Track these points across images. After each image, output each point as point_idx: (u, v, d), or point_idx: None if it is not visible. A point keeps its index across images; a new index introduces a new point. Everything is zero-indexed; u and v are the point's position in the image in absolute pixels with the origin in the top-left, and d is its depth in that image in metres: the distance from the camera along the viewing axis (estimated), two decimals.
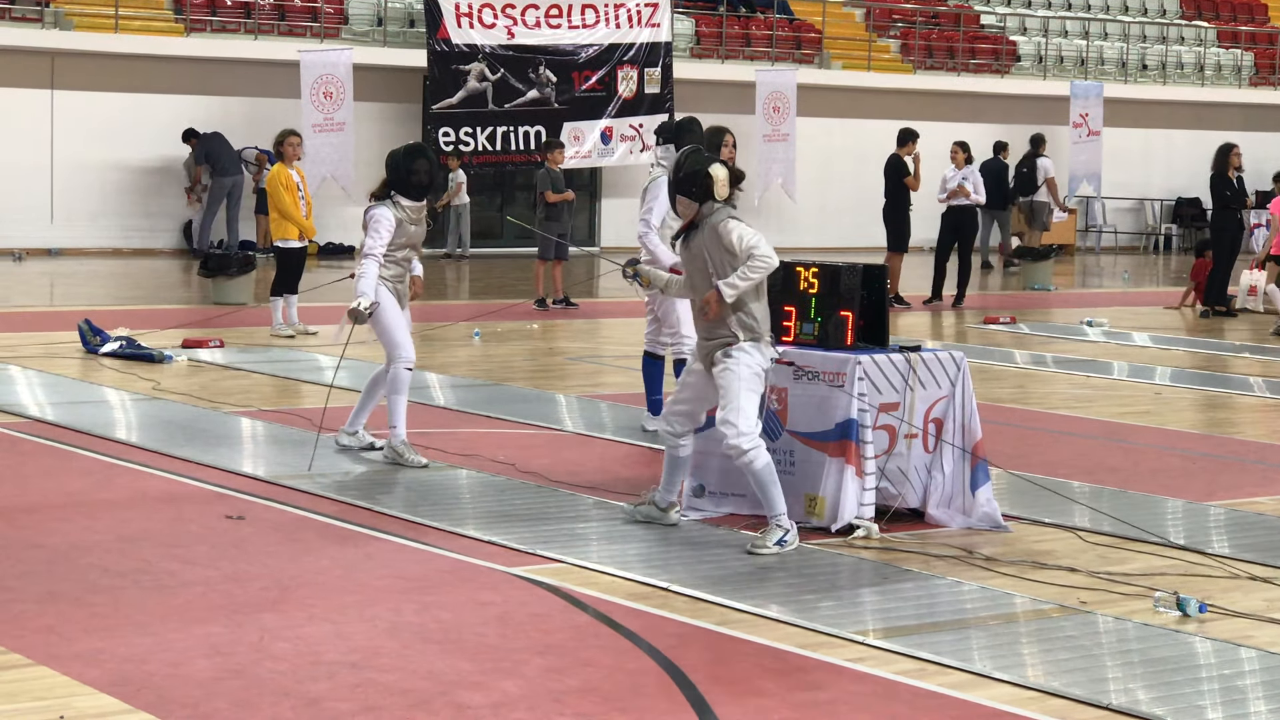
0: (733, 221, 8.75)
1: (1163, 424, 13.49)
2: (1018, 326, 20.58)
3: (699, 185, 8.76)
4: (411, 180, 10.71)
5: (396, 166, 10.77)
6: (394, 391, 10.73)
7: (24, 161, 28.49)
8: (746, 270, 8.62)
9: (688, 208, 8.84)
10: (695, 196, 8.78)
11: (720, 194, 8.78)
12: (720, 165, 8.81)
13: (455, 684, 6.43)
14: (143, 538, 8.67)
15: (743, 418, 8.61)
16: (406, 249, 10.83)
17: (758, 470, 8.61)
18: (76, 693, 6.21)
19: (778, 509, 8.63)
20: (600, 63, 30.56)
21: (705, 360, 8.86)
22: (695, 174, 8.76)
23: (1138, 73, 39.37)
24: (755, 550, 8.55)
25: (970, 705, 6.36)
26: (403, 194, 10.73)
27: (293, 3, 30.54)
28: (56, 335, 16.90)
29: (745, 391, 8.65)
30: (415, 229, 10.83)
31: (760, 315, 8.78)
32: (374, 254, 10.62)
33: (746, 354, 8.70)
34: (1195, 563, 8.65)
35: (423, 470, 10.50)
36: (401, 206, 10.73)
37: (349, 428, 11.10)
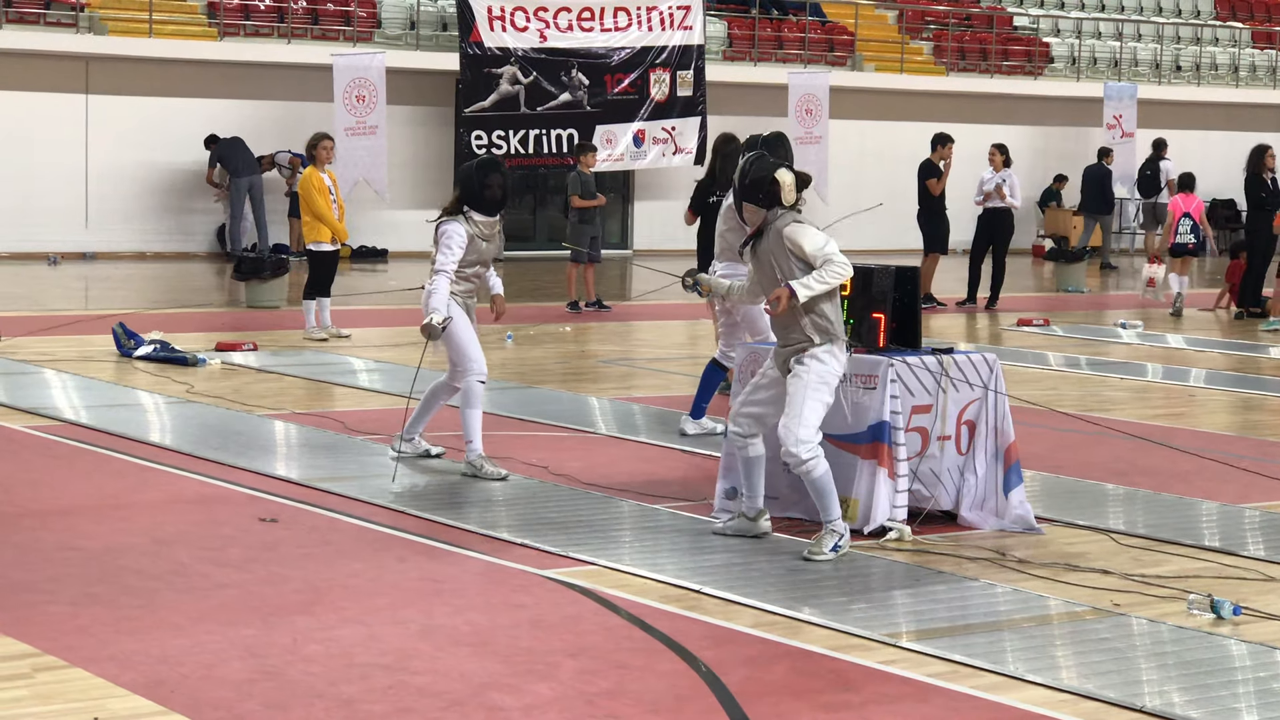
0: (799, 225, 8.62)
1: (1196, 426, 13.45)
2: (1051, 328, 20.53)
3: (765, 191, 8.65)
4: (485, 195, 10.45)
5: (470, 180, 10.52)
6: (468, 405, 10.49)
7: (59, 165, 28.63)
8: (824, 274, 8.50)
9: (755, 214, 8.72)
10: (762, 203, 8.67)
11: (787, 199, 8.65)
12: (786, 170, 8.69)
13: (488, 686, 6.44)
14: (176, 540, 8.70)
15: (803, 426, 8.47)
16: (478, 265, 10.61)
17: (816, 479, 8.49)
18: (111, 694, 6.23)
19: (833, 514, 8.52)
20: (633, 65, 30.57)
21: (782, 366, 8.70)
22: (761, 180, 8.66)
23: (1171, 74, 39.25)
24: (811, 557, 8.44)
25: (1003, 708, 6.35)
26: (476, 209, 10.49)
27: (325, 6, 30.62)
28: (91, 339, 16.97)
29: (810, 400, 8.50)
30: (488, 245, 10.58)
31: (834, 317, 8.64)
32: (445, 270, 10.42)
33: (820, 360, 8.55)
34: (1229, 565, 8.61)
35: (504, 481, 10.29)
36: (474, 222, 10.49)
37: (405, 434, 10.94)
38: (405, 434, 10.93)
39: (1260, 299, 22.79)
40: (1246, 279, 22.79)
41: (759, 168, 8.71)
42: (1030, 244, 35.34)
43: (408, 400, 11.17)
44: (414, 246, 31.10)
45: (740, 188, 8.76)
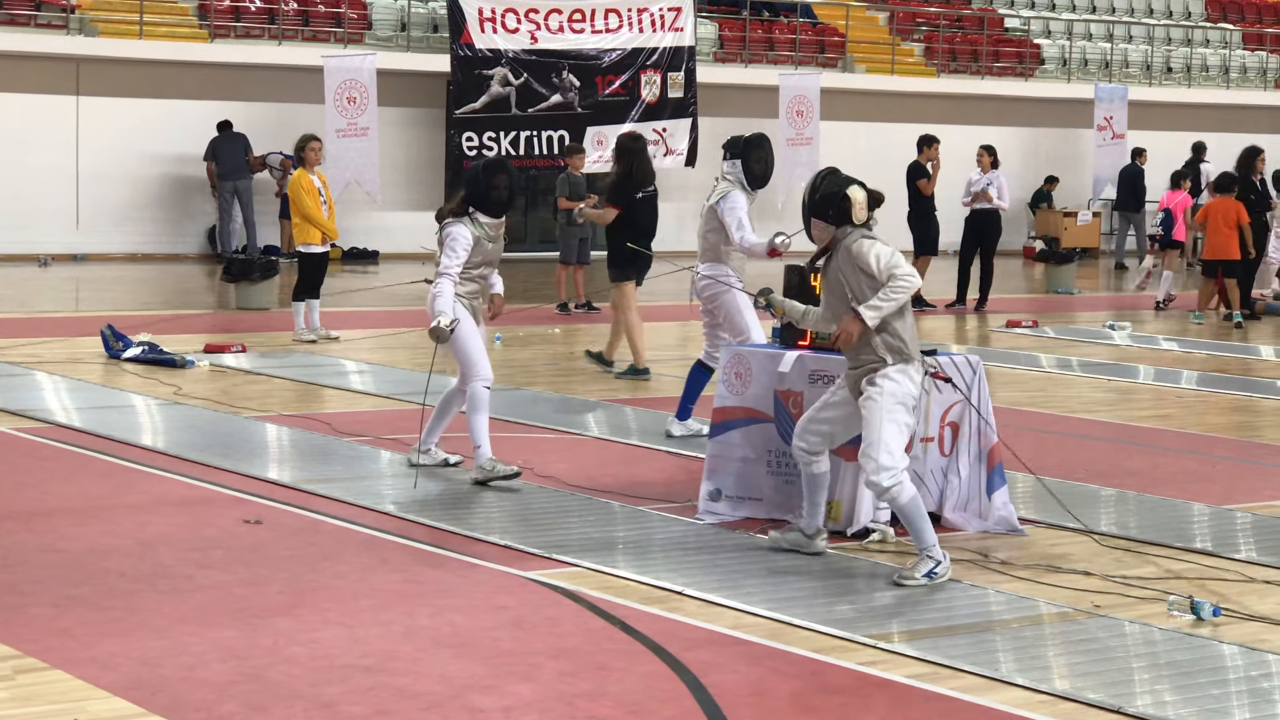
0: (867, 241, 8.30)
1: (1183, 427, 13.47)
2: (1041, 330, 20.55)
3: (836, 208, 8.35)
4: (491, 196, 10.32)
5: (476, 182, 10.37)
6: (474, 411, 10.33)
7: (49, 167, 28.63)
8: (889, 291, 8.16)
9: (824, 231, 8.43)
10: (832, 220, 8.39)
11: (859, 217, 8.36)
12: (858, 187, 8.38)
13: (468, 687, 6.45)
14: (160, 542, 8.71)
15: (883, 452, 8.12)
16: (483, 266, 10.48)
17: (903, 505, 8.15)
18: (91, 696, 6.24)
19: (927, 541, 8.13)
20: (623, 67, 30.58)
21: (853, 388, 8.40)
22: (832, 196, 8.36)
23: (1162, 75, 39.30)
24: (902, 581, 8.09)
25: (983, 709, 6.36)
26: (482, 210, 10.35)
27: (316, 8, 30.63)
28: (80, 340, 16.97)
29: (888, 423, 8.17)
30: (493, 246, 10.47)
31: (908, 336, 8.33)
32: (449, 273, 10.27)
33: (893, 381, 8.24)
34: (1211, 566, 8.63)
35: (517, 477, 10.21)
36: (479, 223, 10.35)
37: (421, 445, 10.80)
38: (421, 445, 10.78)
39: (1249, 300, 22.84)
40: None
41: (831, 184, 8.42)
42: (1021, 245, 35.37)
43: (422, 407, 11.08)
44: (405, 248, 31.11)
45: (811, 204, 8.43)
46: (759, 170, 11.49)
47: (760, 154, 11.41)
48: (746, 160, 11.42)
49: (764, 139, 11.59)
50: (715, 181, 11.72)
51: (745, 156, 11.45)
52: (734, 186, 11.46)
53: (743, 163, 11.44)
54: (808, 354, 9.37)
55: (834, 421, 8.54)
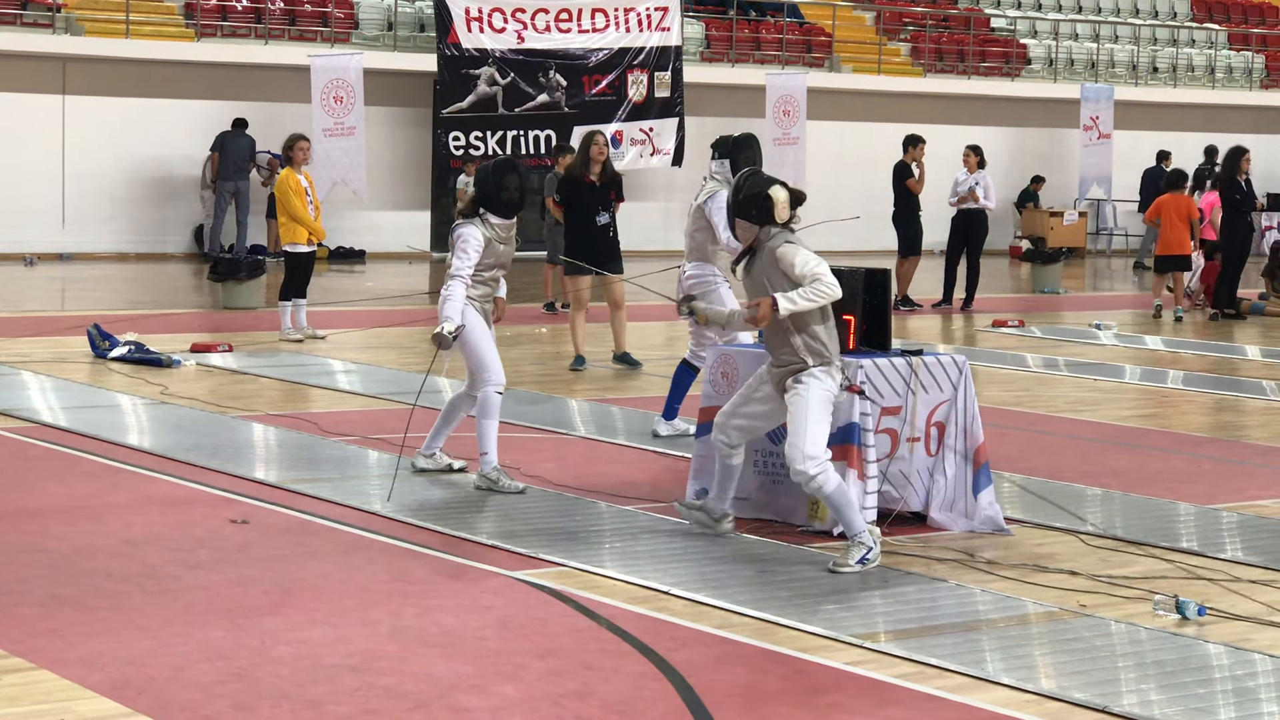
0: (791, 246, 8.48)
1: (1169, 427, 13.50)
2: (1027, 329, 20.58)
3: (759, 208, 8.52)
4: (502, 197, 10.12)
5: (486, 182, 10.17)
6: (484, 416, 10.16)
7: (35, 166, 28.60)
8: (809, 292, 8.36)
9: (747, 231, 8.61)
10: (755, 220, 8.55)
11: (781, 217, 8.54)
12: (780, 187, 8.54)
13: (454, 687, 6.45)
14: (147, 542, 8.71)
15: (809, 443, 8.35)
16: (495, 269, 10.28)
17: (829, 493, 8.36)
18: (77, 696, 6.23)
19: (857, 528, 8.35)
20: (610, 67, 30.60)
21: (776, 385, 8.64)
22: (755, 196, 8.52)
23: (1148, 75, 39.37)
24: (837, 569, 8.28)
25: (968, 708, 6.37)
26: (493, 211, 10.15)
27: (303, 7, 30.61)
28: (66, 340, 16.95)
29: (814, 419, 8.39)
30: (505, 248, 10.28)
31: (827, 339, 8.54)
32: (460, 275, 10.08)
33: (818, 380, 8.45)
34: (1196, 566, 8.65)
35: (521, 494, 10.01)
36: (491, 225, 10.17)
37: (425, 449, 10.66)
38: (425, 449, 10.66)
39: (1235, 300, 22.90)
40: (1221, 280, 22.88)
41: (753, 184, 8.57)
42: (1007, 245, 35.42)
43: (412, 408, 11.05)
44: (392, 247, 31.11)
45: (734, 204, 8.61)
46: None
47: (749, 154, 11.37)
48: (734, 160, 11.38)
49: (752, 139, 11.58)
50: (703, 181, 11.73)
51: (733, 156, 11.42)
52: (722, 186, 11.44)
53: (731, 163, 11.41)
54: None
55: (756, 416, 8.82)
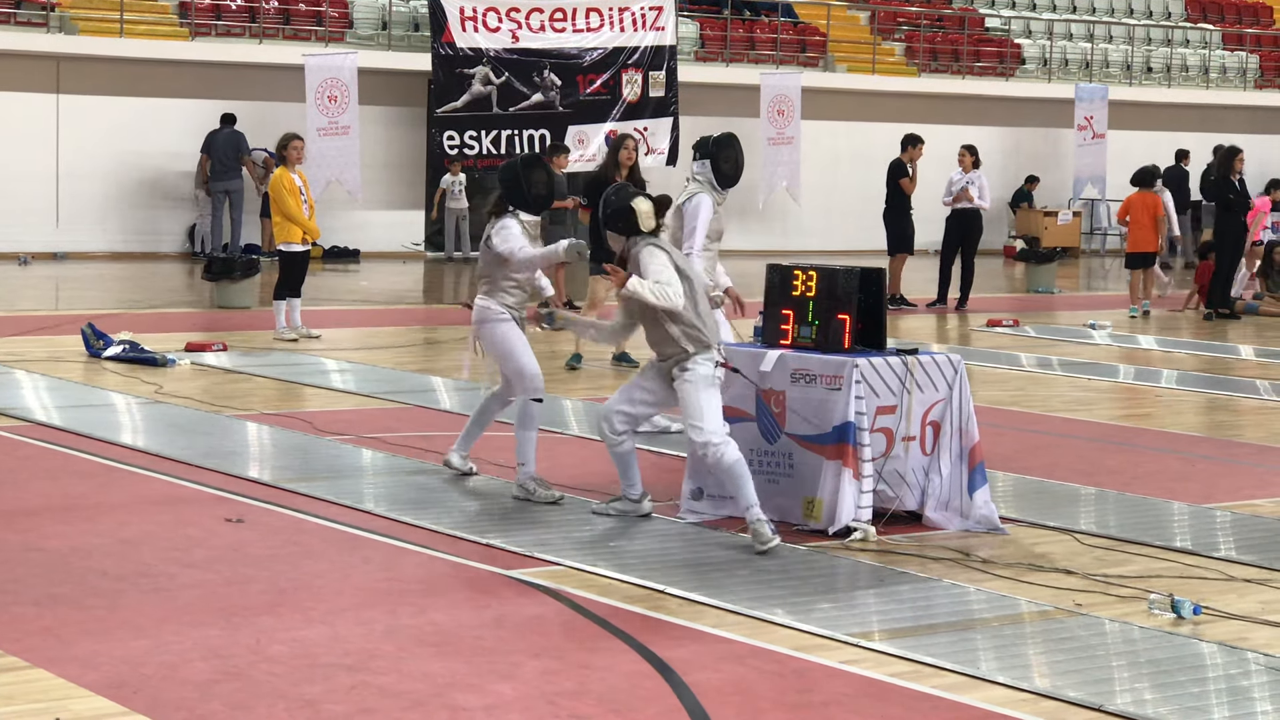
0: (649, 251, 9.01)
1: (1163, 426, 13.51)
2: (1021, 329, 20.59)
3: (624, 221, 9.08)
4: (532, 193, 10.02)
5: (515, 179, 10.03)
6: (523, 427, 9.99)
7: (29, 165, 28.58)
8: (656, 289, 8.86)
9: (617, 242, 9.15)
10: (622, 231, 9.10)
11: (646, 226, 9.07)
12: (644, 199, 9.10)
13: (450, 686, 6.45)
14: (142, 541, 8.70)
15: (706, 418, 8.84)
16: (528, 270, 10.11)
17: (729, 466, 8.78)
18: (73, 695, 6.23)
19: (752, 500, 8.74)
20: (605, 66, 30.58)
21: (663, 377, 9.12)
22: (620, 210, 9.08)
23: (1142, 75, 39.39)
24: (762, 548, 8.61)
25: (964, 707, 6.37)
26: (522, 208, 10.05)
27: (297, 7, 30.59)
28: (60, 339, 16.94)
29: (705, 398, 8.89)
30: (534, 244, 10.15)
31: (704, 326, 9.00)
32: (524, 245, 9.87)
33: (702, 365, 8.94)
34: (1191, 565, 8.66)
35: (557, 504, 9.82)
36: (520, 221, 10.08)
37: (461, 448, 10.50)
38: (459, 448, 10.49)
39: (1229, 300, 22.93)
40: (1215, 280, 22.91)
41: (619, 199, 9.12)
42: (1001, 245, 35.45)
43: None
44: (386, 247, 31.11)
45: (603, 219, 9.17)
46: (728, 170, 11.39)
47: (729, 153, 11.33)
48: (715, 160, 11.32)
49: (733, 138, 11.50)
50: (686, 182, 11.70)
51: (714, 156, 11.34)
52: (703, 188, 11.41)
53: (711, 163, 11.35)
54: (789, 353, 9.39)
55: (642, 404, 9.25)
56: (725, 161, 11.36)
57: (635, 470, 9.40)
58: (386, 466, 10.90)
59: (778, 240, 33.78)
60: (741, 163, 11.50)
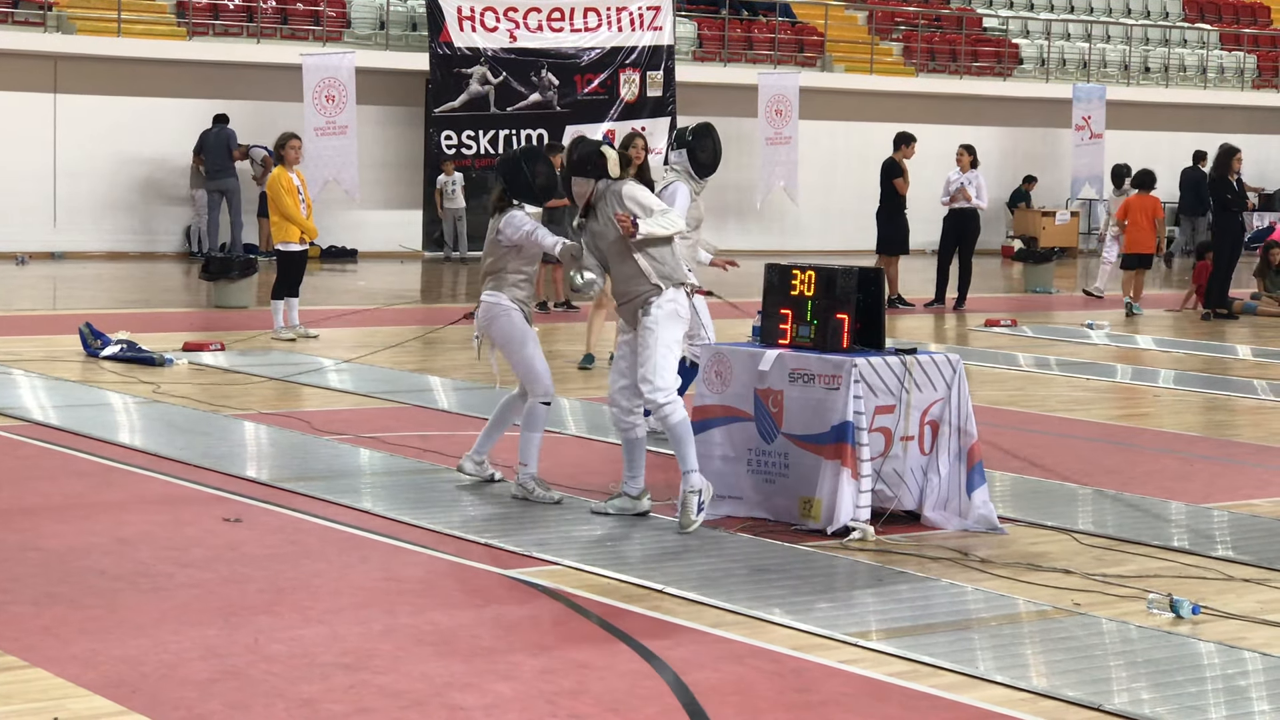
0: (632, 185, 9.33)
1: (1161, 426, 13.51)
2: (1019, 329, 20.59)
3: (593, 164, 9.34)
4: (536, 183, 9.94)
5: (517, 171, 9.94)
6: (529, 428, 9.92)
7: (27, 165, 28.57)
8: (661, 219, 9.19)
9: (584, 186, 9.37)
10: (591, 174, 9.34)
11: (614, 172, 9.36)
12: (610, 147, 9.47)
13: (449, 686, 6.44)
14: (140, 540, 8.70)
15: (659, 374, 9.07)
16: (534, 262, 10.04)
17: (674, 425, 9.02)
18: (71, 694, 6.22)
19: (690, 464, 9.04)
20: (602, 66, 30.58)
21: (632, 321, 9.30)
22: (589, 155, 9.37)
23: (1140, 75, 39.40)
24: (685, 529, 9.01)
25: (963, 707, 6.37)
26: (525, 199, 9.98)
27: (295, 6, 30.58)
28: (58, 339, 16.93)
29: (662, 348, 9.11)
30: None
31: (674, 261, 9.32)
32: (538, 227, 9.80)
33: (670, 302, 9.19)
34: (1190, 565, 8.66)
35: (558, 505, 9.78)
36: (525, 213, 10.01)
37: (475, 454, 10.34)
38: (474, 453, 10.32)
39: (1226, 300, 22.93)
40: (1212, 280, 22.91)
41: (585, 146, 9.46)
42: (999, 245, 35.45)
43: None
44: (383, 247, 31.09)
45: (570, 165, 9.40)
46: (704, 159, 11.57)
47: (706, 142, 11.53)
48: (692, 150, 11.51)
49: (710, 128, 11.69)
50: (665, 172, 11.75)
51: (691, 147, 11.53)
52: (680, 177, 11.56)
53: (689, 152, 11.53)
54: (787, 352, 9.38)
55: (629, 371, 9.34)
56: (702, 151, 11.53)
57: (641, 464, 9.46)
58: (384, 466, 10.89)
59: (775, 240, 33.79)
60: (719, 152, 11.64)
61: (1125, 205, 23.84)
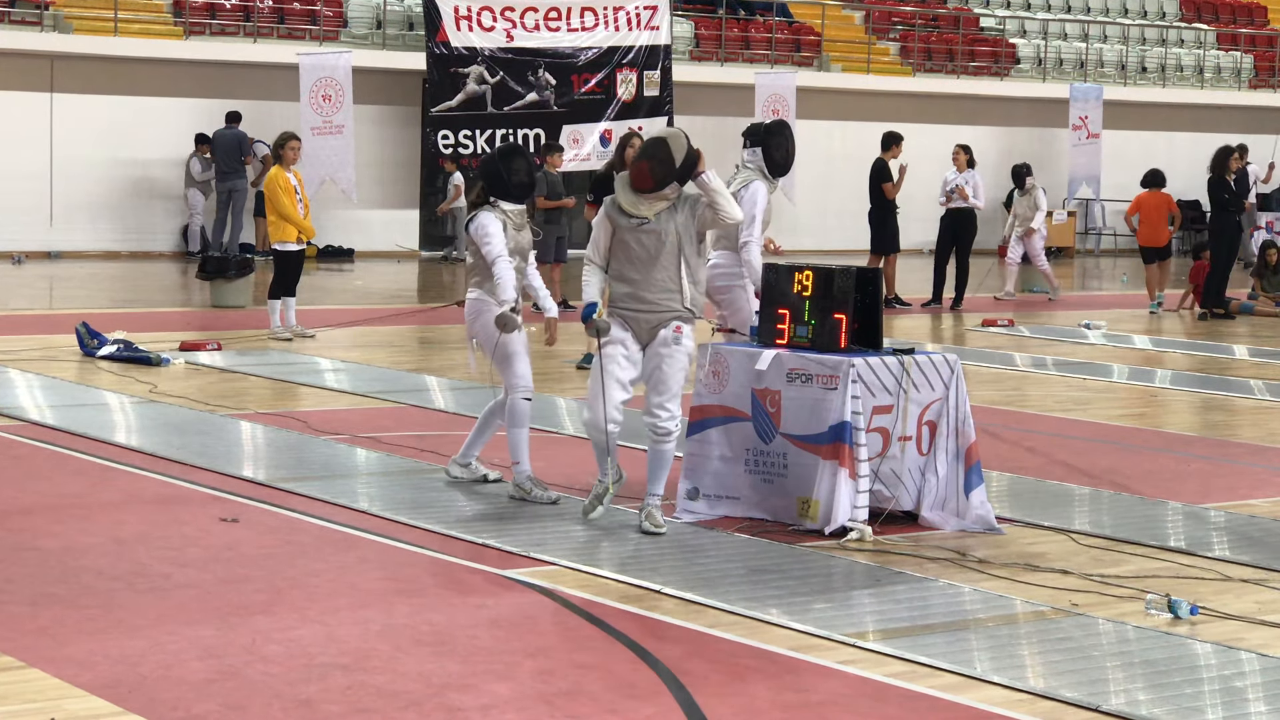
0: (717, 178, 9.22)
1: (1159, 426, 13.51)
2: (1016, 329, 20.59)
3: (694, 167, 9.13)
4: (513, 180, 9.97)
5: (495, 169, 10.02)
6: (513, 425, 9.97)
7: (23, 164, 28.54)
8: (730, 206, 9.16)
9: (675, 191, 9.18)
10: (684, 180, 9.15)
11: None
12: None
13: (446, 686, 6.44)
14: (137, 540, 8.68)
15: (675, 402, 9.11)
16: (513, 256, 10.00)
17: (669, 451, 9.15)
18: (68, 695, 6.21)
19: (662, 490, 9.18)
20: (599, 65, 30.56)
21: (646, 335, 9.19)
22: (693, 160, 9.09)
23: (1137, 75, 39.40)
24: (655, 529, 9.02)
25: (961, 707, 6.37)
26: (503, 197, 9.99)
27: (292, 6, 30.57)
28: (54, 338, 16.91)
29: (682, 378, 9.17)
30: (521, 234, 10.07)
31: (700, 293, 9.30)
32: (503, 255, 9.82)
33: (690, 339, 9.21)
34: (1188, 565, 8.66)
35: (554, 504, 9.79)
36: (503, 211, 10.00)
37: (461, 459, 10.39)
38: (460, 458, 10.39)
39: (1224, 299, 22.93)
40: (1210, 279, 22.92)
41: (688, 152, 9.09)
42: (996, 244, 35.41)
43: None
44: (380, 246, 31.09)
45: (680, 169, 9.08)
46: (779, 157, 11.04)
47: (780, 140, 11.03)
48: (767, 148, 11.00)
49: (785, 125, 11.24)
50: (735, 169, 11.31)
51: (766, 144, 11.02)
52: (755, 175, 11.06)
53: (763, 150, 11.01)
54: (785, 352, 9.37)
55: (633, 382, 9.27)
56: (777, 149, 11.00)
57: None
58: (381, 466, 10.88)
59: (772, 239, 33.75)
60: (793, 150, 11.17)
61: (1137, 202, 24.13)
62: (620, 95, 30.66)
